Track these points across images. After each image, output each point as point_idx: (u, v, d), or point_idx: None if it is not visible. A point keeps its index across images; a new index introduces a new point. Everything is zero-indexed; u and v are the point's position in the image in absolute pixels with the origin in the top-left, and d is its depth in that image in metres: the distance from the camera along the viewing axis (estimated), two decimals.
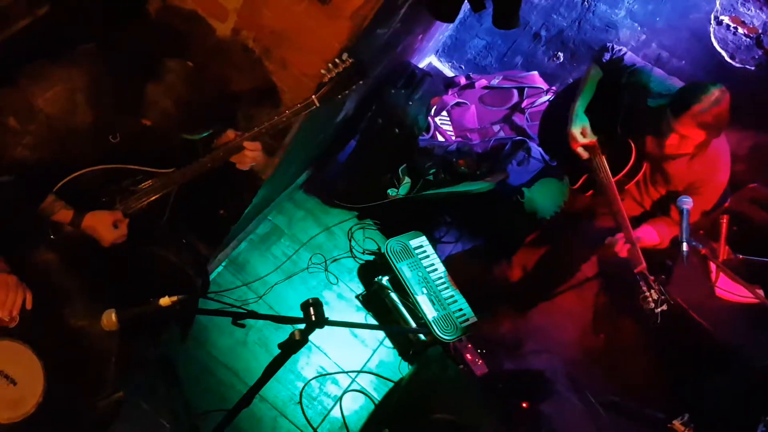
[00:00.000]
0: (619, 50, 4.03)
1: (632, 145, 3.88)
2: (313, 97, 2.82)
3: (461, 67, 5.96)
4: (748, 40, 4.72)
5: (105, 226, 2.95)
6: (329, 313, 2.55)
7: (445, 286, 4.50)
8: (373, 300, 4.56)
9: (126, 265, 3.14)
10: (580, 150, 3.99)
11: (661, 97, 3.77)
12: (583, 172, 4.07)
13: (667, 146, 3.64)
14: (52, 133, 2.65)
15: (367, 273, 4.69)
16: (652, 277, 3.62)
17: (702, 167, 3.77)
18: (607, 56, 4.03)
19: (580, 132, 3.97)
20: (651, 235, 3.87)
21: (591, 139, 3.97)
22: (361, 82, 2.86)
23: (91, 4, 2.94)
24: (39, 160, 2.69)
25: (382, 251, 4.55)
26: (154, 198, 3.04)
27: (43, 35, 2.79)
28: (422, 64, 5.69)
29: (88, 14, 2.93)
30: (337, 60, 2.77)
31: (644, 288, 3.60)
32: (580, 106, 4.02)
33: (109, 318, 2.46)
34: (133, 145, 2.88)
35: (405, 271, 4.44)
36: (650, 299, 3.57)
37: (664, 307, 3.57)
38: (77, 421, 2.94)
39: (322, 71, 2.79)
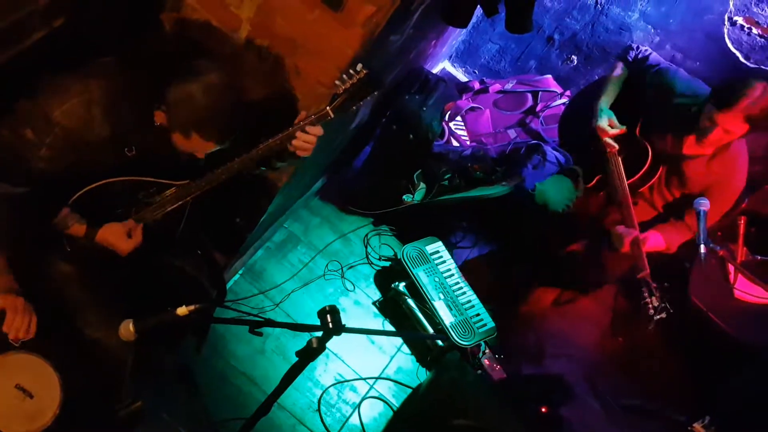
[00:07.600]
0: (645, 50, 4.04)
1: (649, 149, 3.86)
2: (328, 108, 2.80)
3: (475, 72, 5.95)
4: (762, 40, 4.69)
5: (119, 237, 2.95)
6: (346, 320, 2.55)
7: (462, 291, 4.48)
8: (389, 306, 4.56)
9: (141, 277, 3.14)
10: (608, 140, 3.96)
11: (685, 97, 3.76)
12: (597, 171, 4.06)
13: (709, 142, 3.62)
14: (68, 146, 2.65)
15: (384, 279, 4.69)
16: (654, 284, 3.61)
17: (720, 168, 3.75)
18: (632, 54, 4.05)
19: (608, 124, 3.95)
20: (657, 240, 3.86)
21: (621, 128, 3.95)
22: (375, 93, 2.84)
23: (107, 16, 2.95)
24: (55, 173, 2.68)
25: (399, 257, 4.54)
26: (169, 209, 3.04)
27: (60, 47, 2.80)
28: (436, 70, 5.69)
29: (105, 26, 2.94)
30: (351, 71, 2.75)
31: (645, 294, 3.60)
32: (604, 102, 4.01)
33: (127, 328, 2.47)
34: (150, 159, 2.87)
35: (421, 276, 4.43)
36: (650, 306, 3.56)
37: (663, 315, 3.56)
38: None
39: (337, 82, 2.77)
